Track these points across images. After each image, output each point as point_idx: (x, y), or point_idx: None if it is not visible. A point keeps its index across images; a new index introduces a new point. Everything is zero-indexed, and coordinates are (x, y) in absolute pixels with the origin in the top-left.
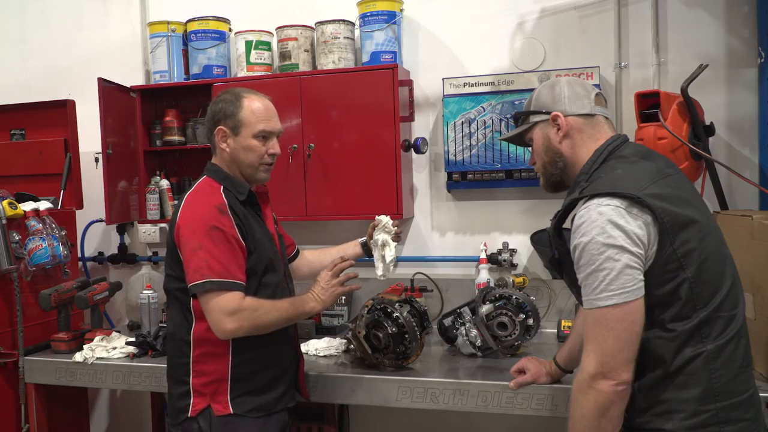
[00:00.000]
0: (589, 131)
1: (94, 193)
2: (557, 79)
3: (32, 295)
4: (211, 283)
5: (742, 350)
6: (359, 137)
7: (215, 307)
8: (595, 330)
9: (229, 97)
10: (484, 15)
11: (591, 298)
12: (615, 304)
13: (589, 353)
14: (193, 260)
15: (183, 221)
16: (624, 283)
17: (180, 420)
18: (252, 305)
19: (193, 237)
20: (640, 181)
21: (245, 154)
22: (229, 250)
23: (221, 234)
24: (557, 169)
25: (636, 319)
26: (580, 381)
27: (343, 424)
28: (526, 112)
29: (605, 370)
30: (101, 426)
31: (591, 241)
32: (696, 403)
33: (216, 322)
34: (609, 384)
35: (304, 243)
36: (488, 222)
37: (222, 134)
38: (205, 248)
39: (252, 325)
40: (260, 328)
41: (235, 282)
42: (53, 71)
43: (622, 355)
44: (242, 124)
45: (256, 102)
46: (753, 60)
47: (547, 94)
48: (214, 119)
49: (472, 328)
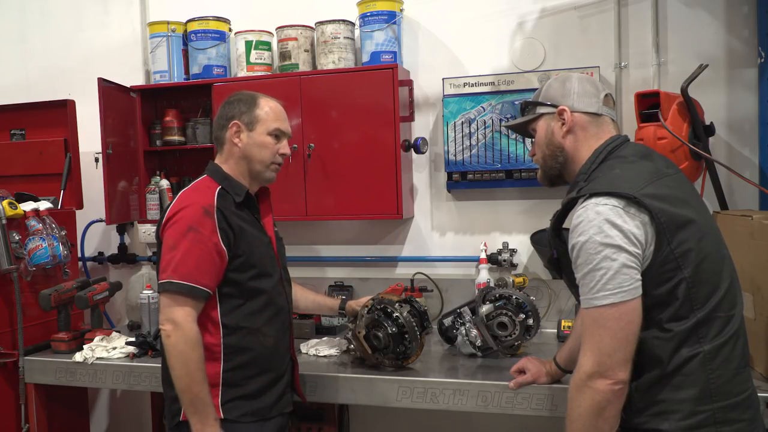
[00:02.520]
0: (593, 130)
1: (94, 193)
2: (569, 75)
3: (32, 295)
4: (171, 284)
5: (740, 351)
6: (359, 137)
7: (165, 306)
8: (592, 329)
9: (245, 97)
10: (484, 15)
11: (588, 297)
12: (612, 303)
13: (586, 352)
14: (164, 258)
15: (168, 217)
16: (621, 282)
17: (174, 423)
18: (190, 337)
19: (172, 235)
20: (637, 181)
21: (258, 150)
22: (202, 254)
23: (199, 236)
24: (557, 164)
25: (633, 318)
26: (577, 380)
27: (343, 424)
28: (534, 102)
29: (602, 369)
30: (101, 426)
31: (588, 241)
32: (693, 403)
33: (160, 321)
34: (606, 383)
35: (304, 243)
36: (488, 222)
37: (236, 128)
38: (179, 248)
39: (176, 349)
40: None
41: (195, 287)
42: (53, 71)
43: (618, 355)
44: (258, 120)
45: (271, 102)
46: (753, 60)
47: (557, 87)
48: (227, 115)
49: (472, 328)
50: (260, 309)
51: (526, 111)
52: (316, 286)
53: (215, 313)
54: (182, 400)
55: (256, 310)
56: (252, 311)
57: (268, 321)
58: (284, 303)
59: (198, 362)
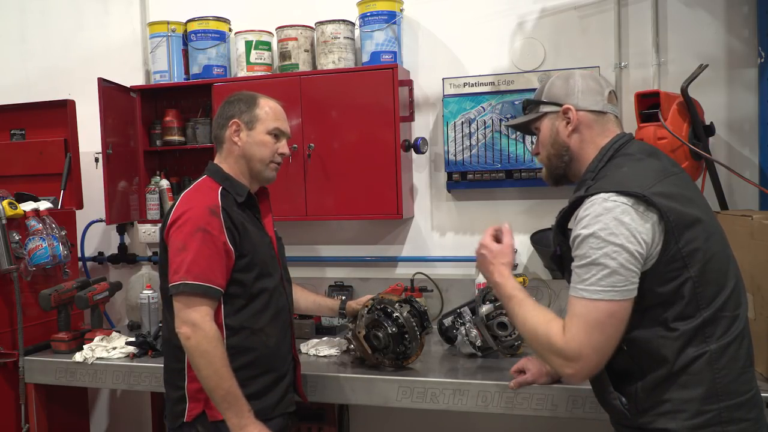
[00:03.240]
0: (599, 128)
1: (94, 193)
2: (572, 72)
3: (32, 295)
4: (185, 285)
5: (745, 350)
6: (359, 137)
7: (181, 309)
8: (573, 313)
9: (245, 96)
10: (484, 15)
11: (578, 287)
12: (602, 299)
13: (567, 329)
14: (175, 260)
15: (173, 220)
16: (616, 282)
17: (177, 425)
18: (212, 336)
19: (179, 237)
20: (646, 179)
21: (257, 149)
22: (213, 254)
23: (208, 236)
24: (562, 163)
25: (620, 317)
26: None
27: (343, 424)
28: (537, 101)
29: (570, 355)
30: (101, 426)
31: (592, 235)
32: (699, 402)
33: (177, 324)
34: (569, 371)
35: (304, 243)
36: (488, 222)
37: (236, 127)
38: (189, 249)
39: (200, 350)
40: (202, 359)
41: (210, 287)
42: (53, 71)
43: (588, 348)
44: (258, 120)
45: (271, 102)
46: (753, 60)
47: (561, 85)
48: (227, 114)
49: (472, 328)
50: (262, 309)
51: (528, 109)
52: (316, 286)
53: (219, 314)
54: (214, 398)
55: (259, 311)
56: (254, 312)
57: (270, 321)
58: (285, 303)
59: (222, 358)
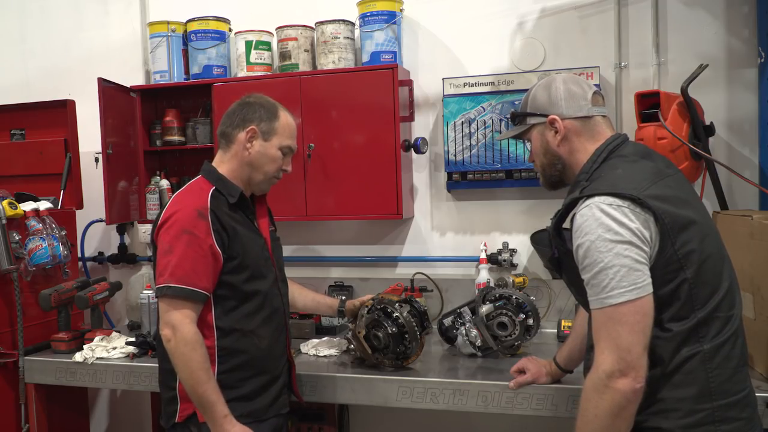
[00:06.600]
0: (587, 134)
1: (94, 193)
2: (552, 78)
3: (32, 295)
4: (168, 288)
5: (739, 350)
6: (359, 137)
7: (164, 311)
8: (607, 327)
9: (267, 104)
10: (484, 15)
11: (601, 297)
12: (628, 300)
13: (603, 351)
14: (161, 263)
15: (162, 221)
16: (635, 279)
17: (170, 425)
18: (189, 339)
19: (166, 239)
20: (640, 181)
21: (266, 162)
22: (198, 257)
23: (194, 239)
24: (556, 171)
25: (648, 311)
26: (596, 380)
27: (343, 424)
28: (523, 113)
29: (622, 366)
30: (101, 426)
31: (597, 239)
32: (692, 402)
33: (161, 326)
34: (627, 382)
35: (304, 243)
36: (488, 222)
37: (252, 134)
38: (174, 252)
39: (178, 352)
40: (179, 361)
41: (193, 290)
42: (53, 71)
43: (638, 348)
44: (275, 133)
45: (290, 117)
46: (753, 60)
47: (542, 95)
48: (246, 117)
49: (472, 328)
50: (254, 311)
51: (516, 121)
52: (316, 286)
53: (210, 316)
54: (193, 401)
55: (251, 313)
56: (246, 313)
57: (263, 323)
58: (279, 304)
59: (200, 362)
